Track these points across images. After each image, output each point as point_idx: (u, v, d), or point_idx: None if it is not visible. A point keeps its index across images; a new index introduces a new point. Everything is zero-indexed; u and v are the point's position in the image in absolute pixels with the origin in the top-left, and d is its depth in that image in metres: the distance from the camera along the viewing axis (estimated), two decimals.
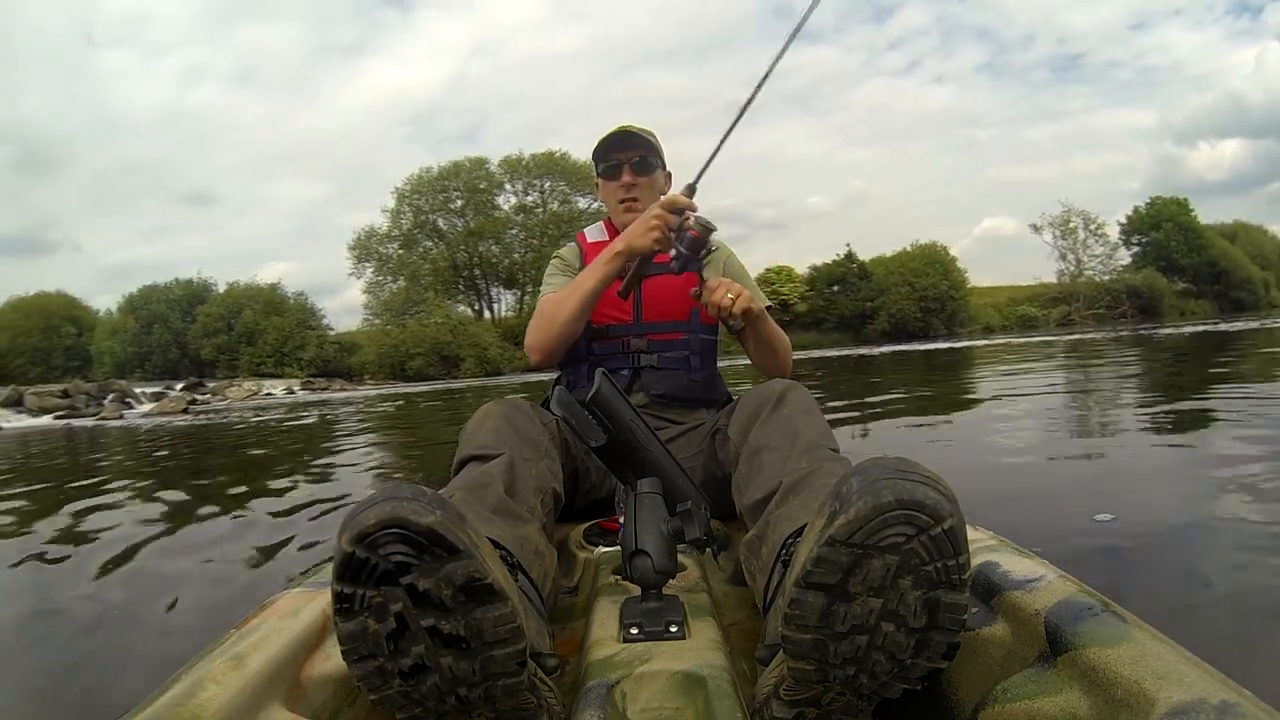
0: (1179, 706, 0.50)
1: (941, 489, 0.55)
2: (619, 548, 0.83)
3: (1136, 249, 35.64)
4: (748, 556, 0.87)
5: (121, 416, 12.67)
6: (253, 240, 61.67)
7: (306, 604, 0.76)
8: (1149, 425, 3.20)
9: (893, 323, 28.97)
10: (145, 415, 12.88)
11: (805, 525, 0.70)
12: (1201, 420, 3.19)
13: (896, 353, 15.86)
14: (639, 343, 1.35)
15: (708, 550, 0.98)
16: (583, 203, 30.50)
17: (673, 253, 1.13)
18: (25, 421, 12.53)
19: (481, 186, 30.77)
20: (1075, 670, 0.59)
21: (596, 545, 1.10)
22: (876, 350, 18.69)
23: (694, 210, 1.15)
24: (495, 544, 0.75)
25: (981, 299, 32.64)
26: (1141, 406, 3.94)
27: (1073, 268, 34.56)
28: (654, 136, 1.42)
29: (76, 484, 3.90)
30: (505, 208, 31.38)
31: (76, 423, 11.73)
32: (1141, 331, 16.37)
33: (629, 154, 1.38)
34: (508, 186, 31.60)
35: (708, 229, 1.12)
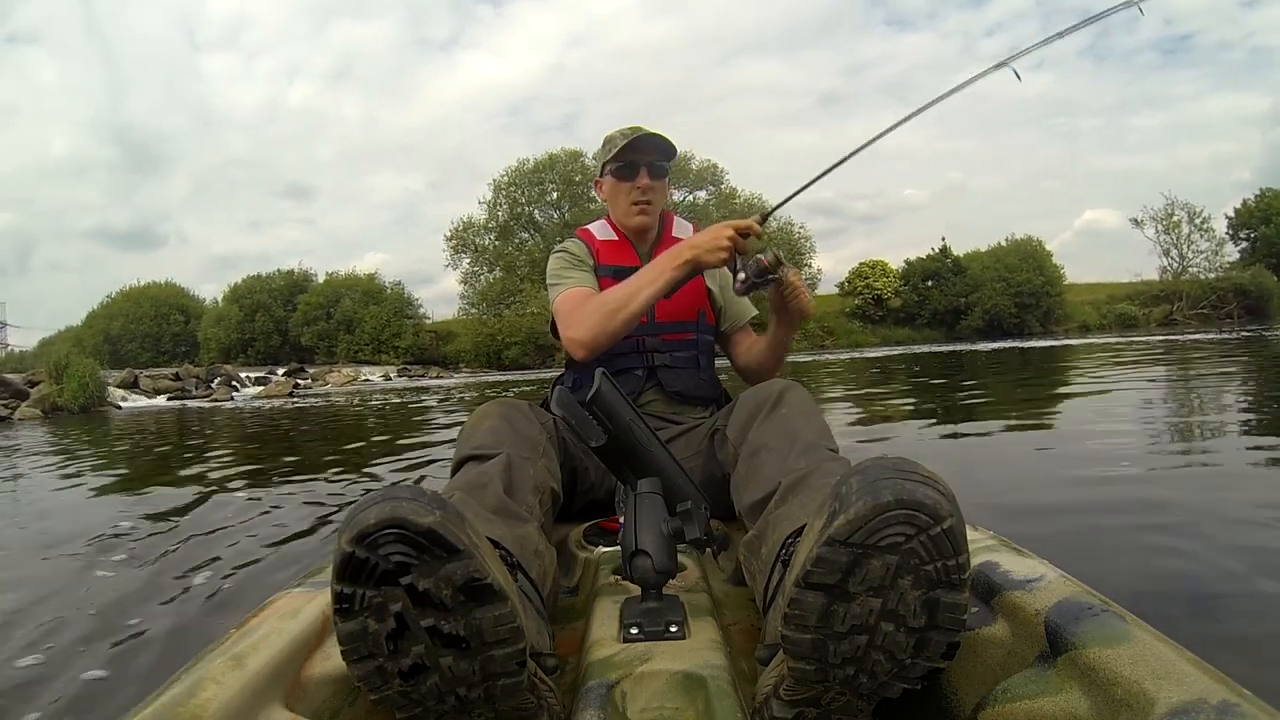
0: (1179, 706, 0.50)
1: (941, 489, 0.55)
2: (619, 548, 0.83)
3: (1245, 244, 33.45)
4: (747, 556, 0.87)
5: (232, 399, 13.79)
6: (350, 231, 63.41)
7: (306, 604, 0.76)
8: (1200, 433, 3.12)
9: (987, 319, 28.61)
10: (254, 398, 14.01)
11: (805, 525, 0.70)
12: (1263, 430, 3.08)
13: (993, 350, 15.57)
14: (653, 342, 1.35)
15: (708, 550, 0.98)
16: (676, 195, 30.37)
17: (741, 275, 1.21)
18: (142, 402, 13.67)
19: (577, 179, 30.52)
20: (1075, 670, 0.59)
21: (596, 545, 1.10)
22: (990, 346, 18.21)
23: (759, 238, 1.22)
24: (495, 544, 0.75)
25: (1080, 296, 31.72)
26: (1210, 414, 3.77)
27: (1176, 264, 32.79)
28: (671, 142, 1.40)
29: (155, 461, 4.29)
30: (600, 200, 31.07)
31: (192, 404, 12.88)
32: (1262, 333, 15.15)
33: (648, 156, 1.37)
34: None
35: (779, 261, 1.20)
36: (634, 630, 0.75)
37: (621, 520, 0.84)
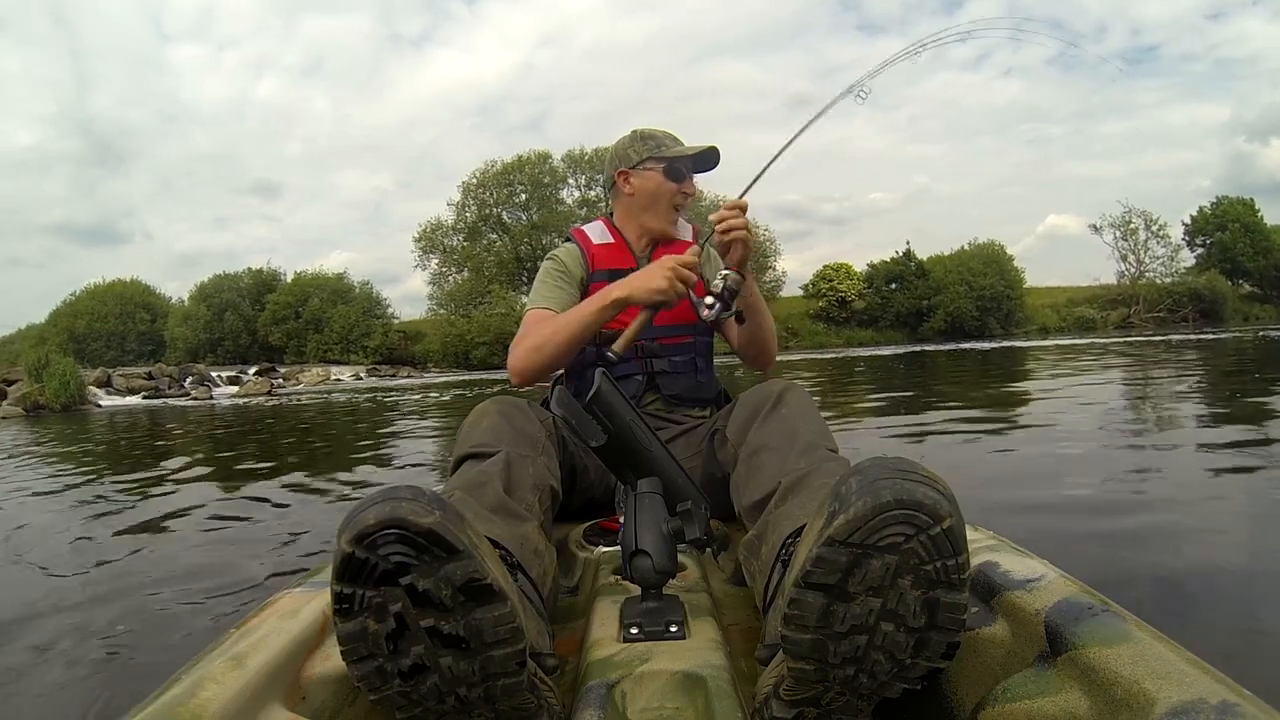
0: (1179, 706, 0.50)
1: (940, 489, 0.55)
2: (619, 548, 0.83)
3: (1200, 250, 34.45)
4: (747, 556, 0.87)
5: (212, 397, 13.97)
6: (316, 229, 62.31)
7: (306, 604, 0.76)
8: (1186, 430, 3.16)
9: (949, 321, 28.85)
10: (233, 397, 14.21)
11: (804, 525, 0.70)
12: (1242, 427, 3.13)
13: (973, 351, 15.89)
14: (652, 347, 1.35)
15: (708, 550, 0.98)
16: None
17: (709, 301, 1.15)
18: (119, 400, 13.88)
19: (545, 180, 30.62)
20: (1075, 670, 0.59)
21: (596, 545, 1.10)
22: (982, 347, 18.37)
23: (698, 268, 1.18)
24: (494, 543, 0.75)
25: (1040, 299, 32.35)
26: (1186, 411, 3.85)
27: (1133, 269, 33.70)
28: (719, 154, 1.39)
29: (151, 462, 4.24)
30: (569, 201, 31.16)
31: (172, 402, 13.11)
32: (1205, 335, 15.85)
33: (691, 165, 1.37)
34: (570, 181, 31.46)
35: (741, 277, 1.16)
36: (634, 630, 0.75)
37: (621, 520, 0.84)
